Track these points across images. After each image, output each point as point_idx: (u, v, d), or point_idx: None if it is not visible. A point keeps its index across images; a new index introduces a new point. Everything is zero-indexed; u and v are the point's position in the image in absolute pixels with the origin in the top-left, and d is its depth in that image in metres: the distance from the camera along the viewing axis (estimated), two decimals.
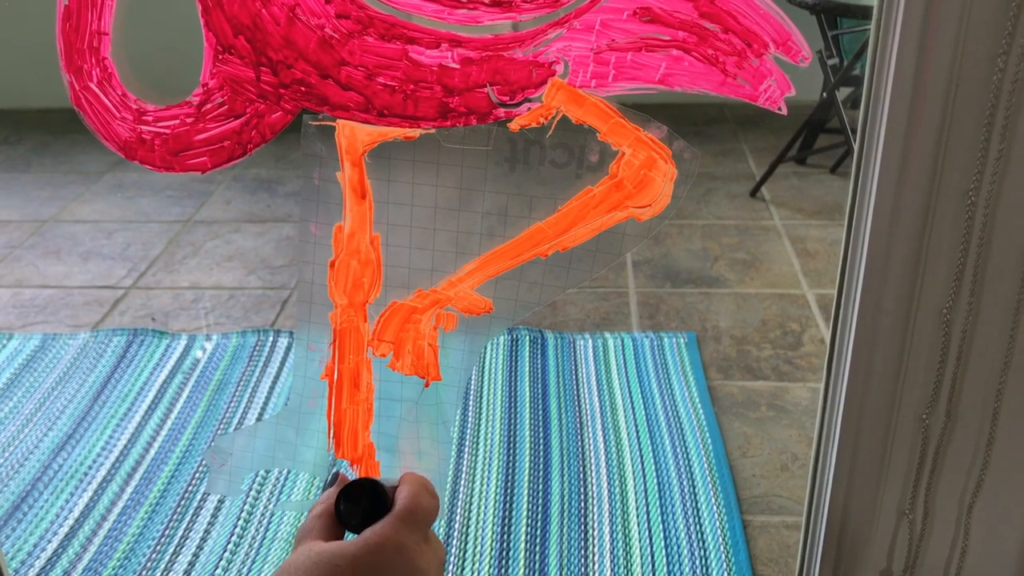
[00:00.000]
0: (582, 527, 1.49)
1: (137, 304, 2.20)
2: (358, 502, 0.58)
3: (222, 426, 1.75)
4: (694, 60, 0.60)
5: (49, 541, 1.48)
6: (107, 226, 2.60)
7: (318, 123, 0.64)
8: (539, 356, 1.93)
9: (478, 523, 1.50)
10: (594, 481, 1.58)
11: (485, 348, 1.92)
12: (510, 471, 1.61)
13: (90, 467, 1.64)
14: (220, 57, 0.60)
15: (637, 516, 1.51)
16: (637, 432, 1.70)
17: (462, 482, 1.59)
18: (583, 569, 1.41)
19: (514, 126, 0.62)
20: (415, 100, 0.61)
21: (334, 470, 0.65)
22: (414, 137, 0.63)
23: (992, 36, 0.61)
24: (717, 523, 1.49)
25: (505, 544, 1.46)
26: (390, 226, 0.67)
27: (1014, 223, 0.66)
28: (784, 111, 0.61)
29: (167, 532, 1.49)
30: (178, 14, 0.63)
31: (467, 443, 1.68)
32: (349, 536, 0.58)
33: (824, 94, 2.56)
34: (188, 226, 2.59)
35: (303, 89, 0.61)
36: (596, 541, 1.46)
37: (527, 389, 1.82)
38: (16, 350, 1.98)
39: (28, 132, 3.29)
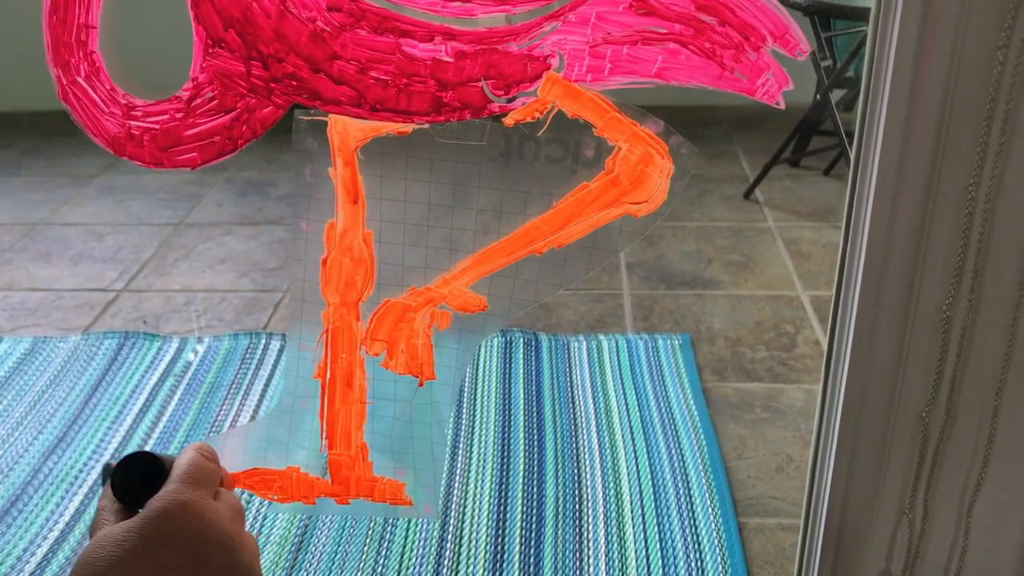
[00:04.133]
0: (577, 529, 1.48)
1: (128, 307, 2.18)
2: (134, 476, 0.57)
3: (214, 429, 1.73)
4: (691, 54, 0.59)
5: (39, 545, 1.47)
6: (98, 229, 2.59)
7: (310, 118, 0.63)
8: (533, 358, 1.92)
9: (472, 525, 1.49)
10: (589, 483, 1.57)
11: (479, 350, 1.91)
12: (504, 473, 1.60)
13: (81, 470, 1.63)
14: (210, 51, 0.60)
15: (632, 518, 1.50)
16: (632, 434, 1.69)
17: (456, 484, 1.58)
18: (578, 571, 1.40)
19: (509, 121, 0.62)
20: (408, 94, 0.60)
21: (106, 463, 0.63)
22: (407, 132, 0.63)
23: (992, 29, 0.60)
24: (712, 525, 1.48)
25: (500, 546, 1.45)
26: (383, 223, 0.66)
27: (1014, 219, 0.66)
28: (782, 105, 0.60)
29: None
30: (167, 7, 0.62)
31: (461, 445, 1.67)
32: None
33: (817, 96, 2.56)
34: (179, 229, 2.58)
35: (294, 83, 0.60)
36: (591, 543, 1.45)
37: (521, 391, 1.82)
38: (6, 353, 1.97)
39: (19, 135, 3.27)
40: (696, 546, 1.44)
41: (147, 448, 1.67)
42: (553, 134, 0.62)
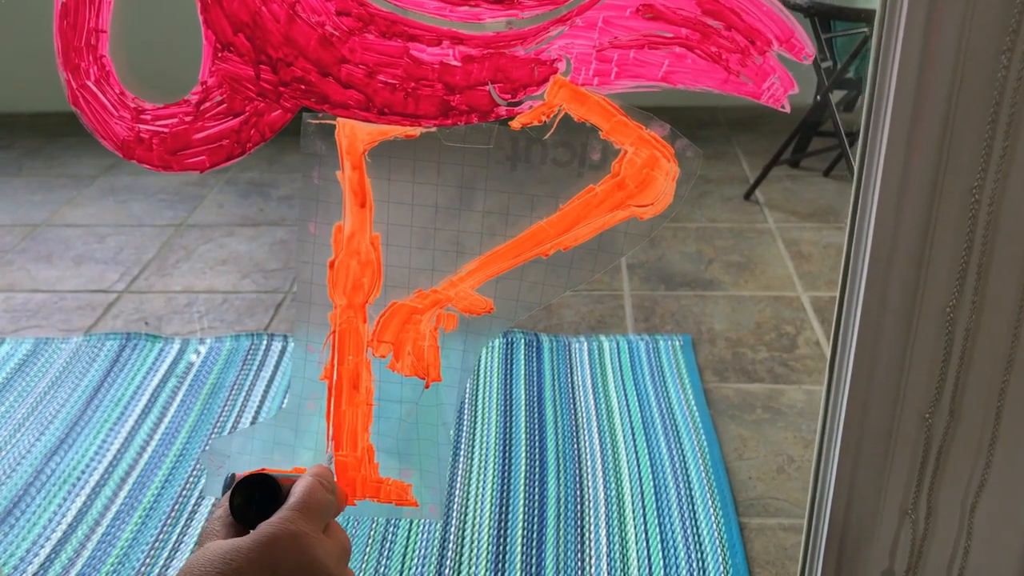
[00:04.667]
0: (578, 530, 1.48)
1: (130, 308, 2.18)
2: (251, 497, 0.58)
3: (216, 430, 1.74)
4: (697, 58, 0.60)
5: (42, 547, 1.47)
6: (99, 230, 2.59)
7: (318, 122, 0.63)
8: (535, 359, 1.92)
9: (474, 526, 1.49)
10: (590, 484, 1.58)
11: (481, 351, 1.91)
12: (506, 474, 1.60)
13: (83, 472, 1.63)
14: (219, 55, 0.60)
15: (633, 519, 1.50)
16: (633, 435, 1.69)
17: (458, 485, 1.58)
18: (580, 572, 1.41)
19: (515, 124, 0.62)
20: (416, 98, 0.61)
21: (230, 474, 0.64)
22: (415, 135, 0.63)
23: (996, 33, 0.61)
24: (714, 526, 1.49)
25: (501, 547, 1.45)
26: (390, 225, 0.66)
27: (1018, 221, 0.66)
28: (787, 109, 0.61)
29: (161, 537, 1.48)
30: (177, 11, 0.62)
31: (463, 446, 1.67)
32: None
33: (818, 97, 2.56)
34: (181, 230, 2.58)
35: (303, 87, 0.60)
36: (592, 544, 1.46)
37: (523, 392, 1.82)
38: (8, 354, 1.97)
39: (20, 136, 3.27)
40: (697, 546, 1.45)
41: (147, 451, 1.67)
42: (560, 137, 0.62)
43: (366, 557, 1.44)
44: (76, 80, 0.61)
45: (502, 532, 1.48)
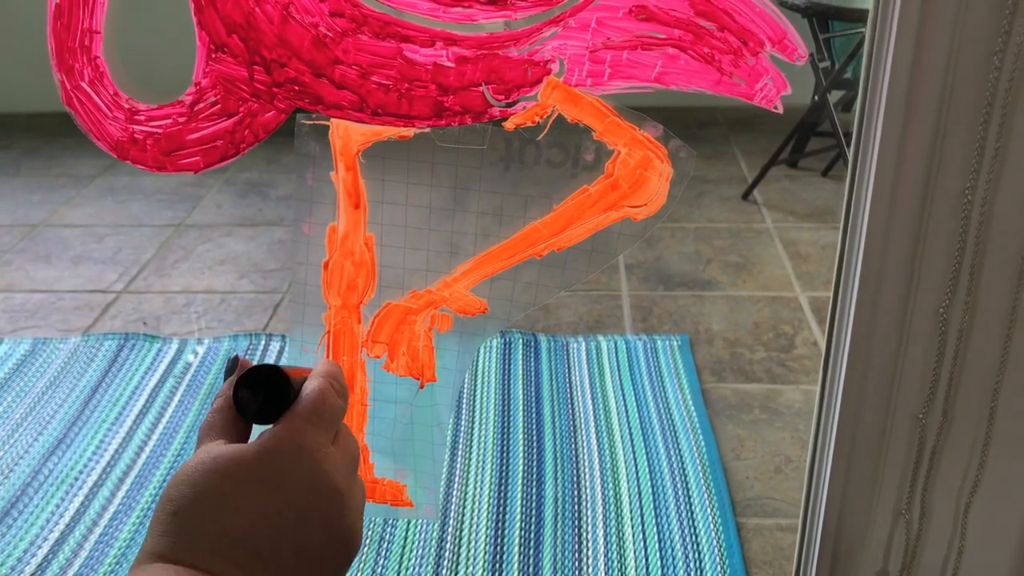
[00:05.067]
0: (576, 530, 1.48)
1: (128, 308, 2.19)
2: (257, 390, 0.52)
3: None
4: (690, 58, 0.60)
5: (39, 547, 1.47)
6: (98, 230, 2.59)
7: (312, 122, 0.63)
8: (532, 359, 1.92)
9: (471, 526, 1.49)
10: (588, 484, 1.58)
11: (478, 351, 1.91)
12: (503, 474, 1.60)
13: (81, 472, 1.63)
14: (213, 56, 0.60)
15: (631, 519, 1.51)
16: (631, 435, 1.70)
17: (455, 485, 1.58)
18: (577, 572, 1.41)
19: (509, 125, 0.62)
20: (410, 99, 0.61)
21: (233, 355, 0.57)
22: (408, 136, 0.63)
23: (988, 34, 0.61)
24: (711, 526, 1.49)
25: (499, 547, 1.45)
26: (384, 226, 0.67)
27: (1010, 222, 0.66)
28: (780, 109, 0.61)
29: None
30: (171, 12, 0.62)
31: (460, 446, 1.67)
32: (257, 431, 0.53)
33: (815, 97, 2.56)
34: (179, 230, 2.58)
35: (297, 88, 0.61)
36: (590, 544, 1.46)
37: (520, 392, 1.82)
38: (6, 354, 1.97)
39: (18, 136, 3.27)
40: (695, 547, 1.45)
41: (145, 450, 1.67)
42: (553, 138, 0.62)
43: (363, 557, 1.45)
44: (70, 81, 0.61)
45: (499, 532, 1.48)
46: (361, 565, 1.43)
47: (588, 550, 1.45)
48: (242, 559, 0.46)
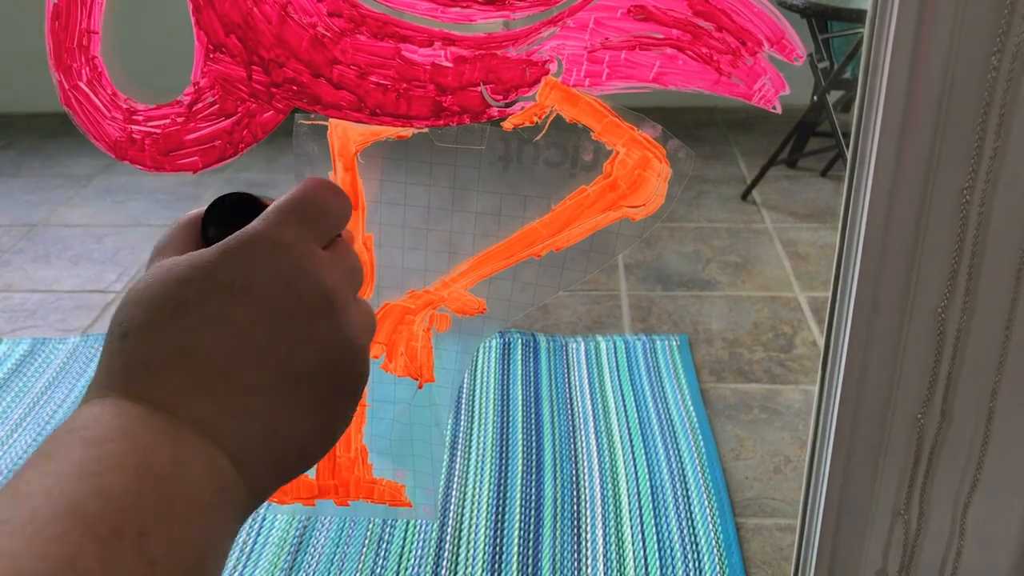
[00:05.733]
0: (575, 530, 1.48)
1: None
2: (229, 213, 0.43)
3: None
4: (688, 59, 0.60)
5: None
6: (97, 230, 2.59)
7: (310, 123, 0.63)
8: (531, 359, 1.92)
9: (470, 526, 1.49)
10: (587, 484, 1.58)
11: (477, 351, 1.91)
12: (503, 474, 1.60)
13: None
14: (211, 56, 0.60)
15: (630, 519, 1.50)
16: (630, 435, 1.70)
17: (454, 485, 1.58)
18: (576, 572, 1.41)
19: (507, 125, 0.62)
20: (408, 99, 0.61)
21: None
22: (407, 136, 0.63)
23: (986, 35, 0.61)
24: (710, 526, 1.49)
25: (498, 547, 1.45)
26: (383, 226, 0.66)
27: (1009, 222, 0.66)
28: (778, 110, 0.61)
29: None
30: (169, 12, 0.62)
31: (459, 446, 1.67)
32: None
33: (815, 97, 2.56)
34: None
35: (295, 88, 0.61)
36: (589, 544, 1.46)
37: (519, 392, 1.82)
38: (5, 354, 1.97)
39: (17, 136, 3.27)
40: (694, 547, 1.45)
41: None
42: (551, 138, 0.62)
43: (363, 557, 1.45)
44: (68, 81, 0.61)
45: (498, 532, 1.48)
46: (360, 565, 1.43)
47: (587, 550, 1.45)
48: (208, 381, 0.36)
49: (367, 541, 1.47)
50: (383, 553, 1.45)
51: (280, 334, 0.37)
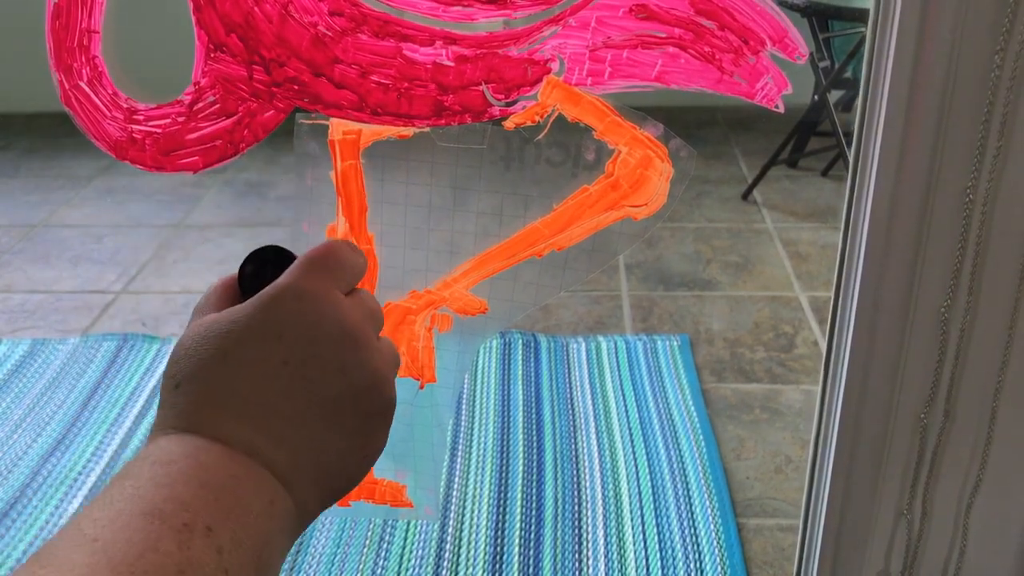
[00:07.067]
0: (576, 531, 1.48)
1: (127, 309, 2.18)
2: (264, 268, 0.49)
3: None
4: (690, 57, 0.60)
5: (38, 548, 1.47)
6: (97, 231, 2.59)
7: (311, 122, 0.63)
8: (532, 360, 1.92)
9: (471, 526, 1.49)
10: (588, 484, 1.58)
11: (478, 352, 1.91)
12: (503, 475, 1.60)
13: (80, 472, 1.63)
14: (212, 55, 0.60)
15: (631, 519, 1.50)
16: (631, 435, 1.69)
17: (455, 486, 1.58)
18: (577, 573, 1.41)
19: (509, 124, 0.62)
20: (409, 98, 0.60)
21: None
22: (408, 136, 0.63)
23: (989, 33, 0.61)
24: (712, 526, 1.49)
25: (499, 548, 1.45)
26: (384, 226, 0.66)
27: (1012, 221, 0.66)
28: (781, 109, 0.60)
29: None
30: (169, 12, 0.62)
31: (460, 447, 1.67)
32: None
33: (815, 97, 2.56)
34: (178, 230, 2.58)
35: (296, 88, 0.60)
36: (590, 545, 1.46)
37: (520, 393, 1.82)
38: (5, 355, 1.97)
39: (16, 136, 3.27)
40: (695, 547, 1.45)
41: None
42: (553, 138, 0.62)
43: (363, 557, 1.44)
44: (69, 81, 0.61)
45: (499, 533, 1.48)
46: (361, 566, 1.43)
47: (588, 550, 1.45)
48: (253, 415, 0.42)
49: (368, 541, 1.47)
50: (384, 553, 1.45)
51: (310, 370, 0.43)
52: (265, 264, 0.49)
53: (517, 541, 1.46)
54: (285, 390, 0.43)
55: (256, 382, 0.42)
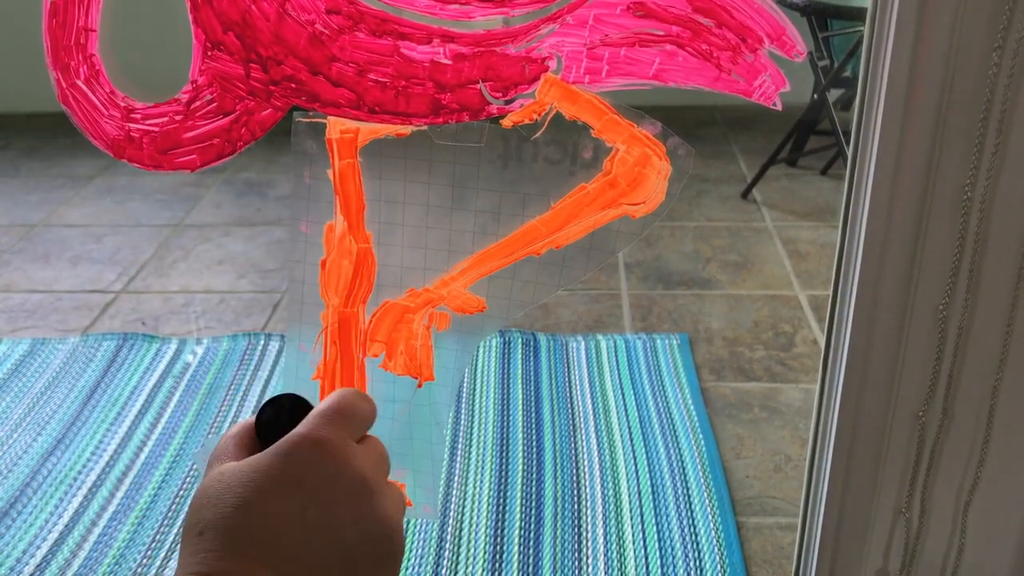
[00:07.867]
0: (576, 529, 1.48)
1: (127, 308, 2.18)
2: (280, 417, 0.52)
3: (212, 431, 1.73)
4: (688, 55, 0.59)
5: (38, 547, 1.47)
6: (96, 230, 2.59)
7: (309, 120, 0.63)
8: (532, 358, 1.92)
9: (471, 526, 1.49)
10: (587, 483, 1.58)
11: (477, 350, 1.91)
12: (503, 474, 1.60)
13: (80, 472, 1.63)
14: (209, 54, 0.60)
15: (631, 518, 1.50)
16: (630, 434, 1.69)
17: (455, 485, 1.58)
18: (577, 571, 1.41)
19: (507, 123, 0.62)
20: (407, 96, 0.60)
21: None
22: (406, 134, 0.63)
23: (987, 31, 0.61)
24: (711, 525, 1.49)
25: (498, 547, 1.45)
26: (382, 224, 0.66)
27: (1010, 219, 0.66)
28: (779, 106, 0.60)
29: (157, 537, 1.48)
30: (167, 10, 0.62)
31: (460, 445, 1.67)
32: None
33: (815, 96, 2.56)
34: (178, 230, 2.58)
35: (293, 86, 0.60)
36: (590, 543, 1.46)
37: (520, 391, 1.82)
38: (5, 355, 1.97)
39: (16, 136, 3.27)
40: (695, 546, 1.45)
41: (144, 451, 1.67)
42: (551, 136, 0.62)
43: None
44: (66, 79, 0.61)
45: (499, 531, 1.48)
46: None
47: (588, 549, 1.45)
48: (275, 561, 0.44)
49: None
50: None
51: (329, 518, 0.45)
52: (281, 411, 0.52)
53: (517, 540, 1.46)
54: (305, 539, 0.45)
55: (277, 529, 0.44)
